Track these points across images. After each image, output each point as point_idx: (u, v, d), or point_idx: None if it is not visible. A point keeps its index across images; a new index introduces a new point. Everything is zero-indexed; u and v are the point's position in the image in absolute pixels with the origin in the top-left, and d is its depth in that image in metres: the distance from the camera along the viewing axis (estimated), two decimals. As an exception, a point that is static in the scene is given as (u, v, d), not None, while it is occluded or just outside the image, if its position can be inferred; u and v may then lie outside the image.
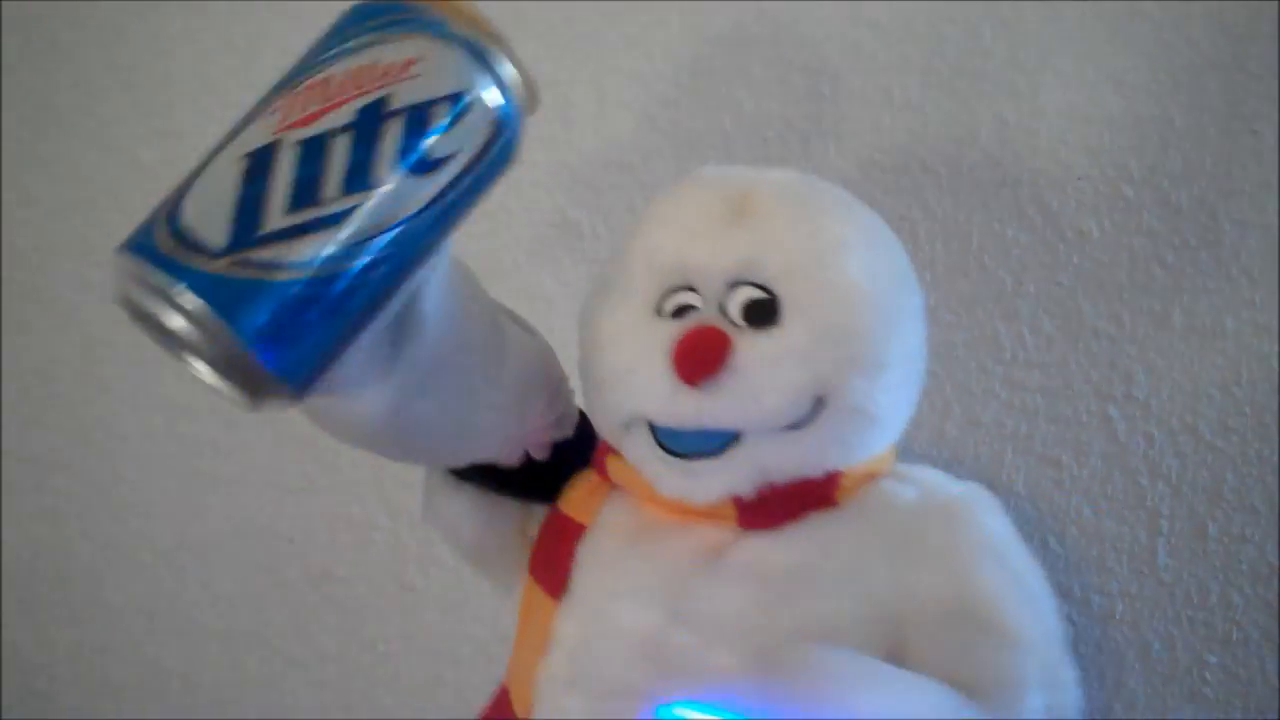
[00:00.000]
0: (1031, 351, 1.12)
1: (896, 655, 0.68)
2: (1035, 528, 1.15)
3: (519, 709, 0.75)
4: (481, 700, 0.83)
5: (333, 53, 0.55)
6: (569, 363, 0.77)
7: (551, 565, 0.75)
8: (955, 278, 1.10)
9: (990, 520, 0.72)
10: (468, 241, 0.68)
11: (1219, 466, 1.12)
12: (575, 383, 0.78)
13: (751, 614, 0.68)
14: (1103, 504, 1.13)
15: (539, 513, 0.79)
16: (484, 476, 0.76)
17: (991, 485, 1.05)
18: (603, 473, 0.76)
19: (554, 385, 0.75)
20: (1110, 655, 1.17)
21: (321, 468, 1.19)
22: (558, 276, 1.02)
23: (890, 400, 0.70)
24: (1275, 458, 1.12)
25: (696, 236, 0.70)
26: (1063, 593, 1.15)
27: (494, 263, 0.75)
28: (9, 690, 1.25)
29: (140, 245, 0.52)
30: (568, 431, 0.76)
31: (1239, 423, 1.11)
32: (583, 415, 0.78)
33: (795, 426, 0.68)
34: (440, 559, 1.15)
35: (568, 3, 1.11)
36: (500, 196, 0.63)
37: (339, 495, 1.19)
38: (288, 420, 1.10)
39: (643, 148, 1.10)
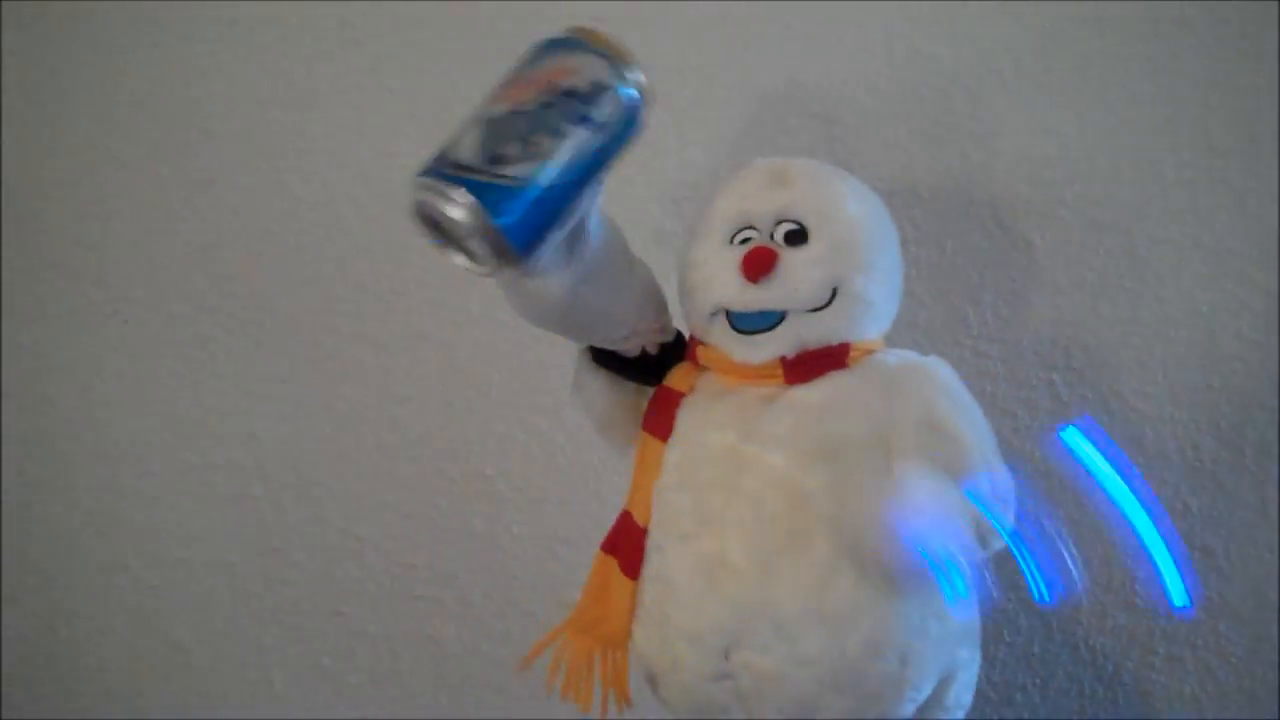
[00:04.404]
0: (992, 329, 1.29)
1: (887, 458, 0.85)
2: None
3: (639, 519, 0.93)
4: (581, 575, 0.99)
5: (534, 64, 0.79)
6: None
7: (661, 419, 0.95)
8: (934, 274, 1.28)
9: (945, 374, 0.91)
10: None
11: (1139, 424, 1.29)
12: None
13: (794, 431, 0.88)
14: (1049, 448, 1.22)
15: (648, 393, 0.97)
16: (614, 363, 0.97)
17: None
18: (694, 359, 0.95)
19: (661, 301, 0.95)
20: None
21: (478, 394, 1.36)
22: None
23: (879, 293, 0.92)
24: (1183, 416, 1.28)
25: (753, 195, 0.93)
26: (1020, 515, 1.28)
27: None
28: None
29: (431, 170, 0.75)
30: (669, 337, 0.97)
31: (1154, 390, 1.28)
32: (676, 335, 0.98)
33: (819, 309, 0.90)
34: (562, 467, 1.33)
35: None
36: (616, 211, 0.88)
37: (491, 413, 1.36)
38: (456, 367, 1.36)
39: (709, 170, 1.28)
